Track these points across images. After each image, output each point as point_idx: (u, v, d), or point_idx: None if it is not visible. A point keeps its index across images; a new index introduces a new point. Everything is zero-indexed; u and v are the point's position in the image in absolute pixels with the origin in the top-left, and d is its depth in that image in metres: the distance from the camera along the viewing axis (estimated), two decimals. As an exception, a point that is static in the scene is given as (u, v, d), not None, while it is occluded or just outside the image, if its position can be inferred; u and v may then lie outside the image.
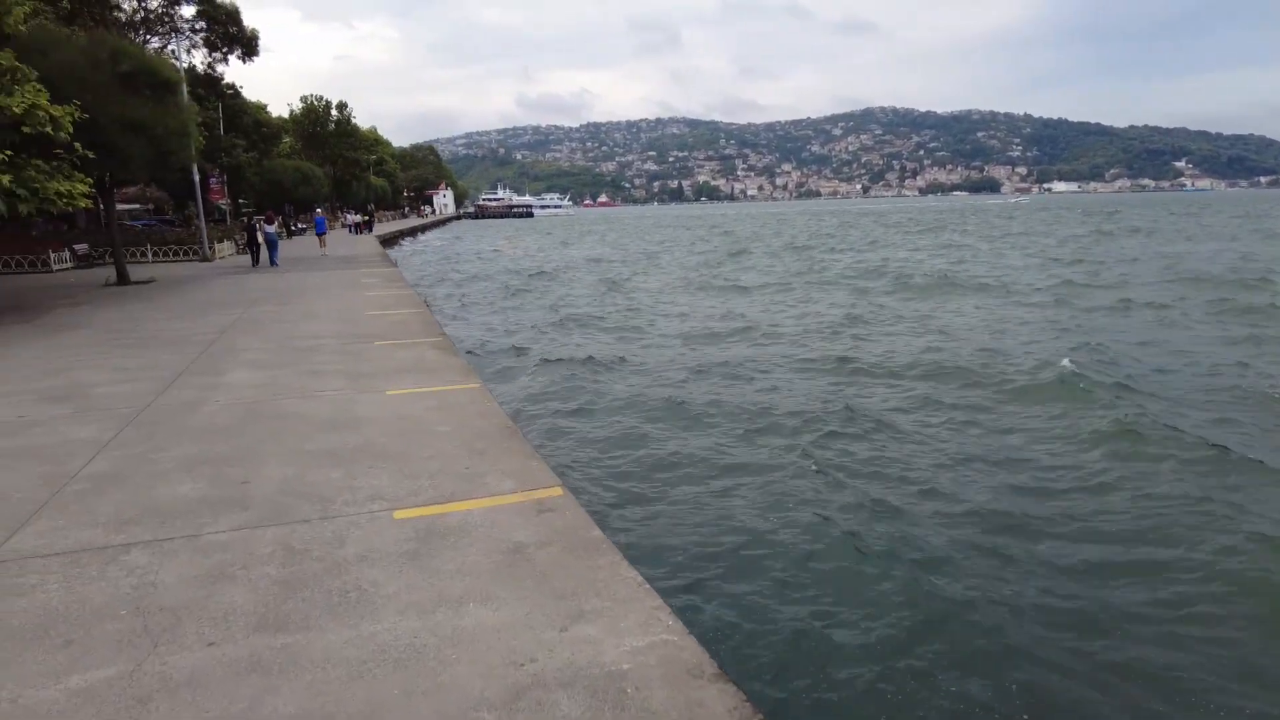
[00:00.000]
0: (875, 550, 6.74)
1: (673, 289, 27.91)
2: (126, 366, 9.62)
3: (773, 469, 8.91)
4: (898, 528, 7.23)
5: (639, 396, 12.28)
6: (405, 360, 9.67)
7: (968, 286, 25.93)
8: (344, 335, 11.73)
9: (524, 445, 6.09)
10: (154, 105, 19.17)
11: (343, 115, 79.75)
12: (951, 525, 7.34)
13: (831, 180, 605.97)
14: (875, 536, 7.04)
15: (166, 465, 5.73)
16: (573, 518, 4.62)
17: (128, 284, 20.70)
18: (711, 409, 11.44)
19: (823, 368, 14.19)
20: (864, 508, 7.71)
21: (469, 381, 8.46)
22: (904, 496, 8.08)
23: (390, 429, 6.55)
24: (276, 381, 8.56)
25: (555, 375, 13.82)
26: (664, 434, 10.32)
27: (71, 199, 15.46)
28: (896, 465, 9.06)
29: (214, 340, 11.51)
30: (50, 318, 14.64)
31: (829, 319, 20.00)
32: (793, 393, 12.47)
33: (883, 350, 15.57)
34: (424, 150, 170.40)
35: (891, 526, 7.26)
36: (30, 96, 13.96)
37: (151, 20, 39.72)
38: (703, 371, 14.04)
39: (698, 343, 17.04)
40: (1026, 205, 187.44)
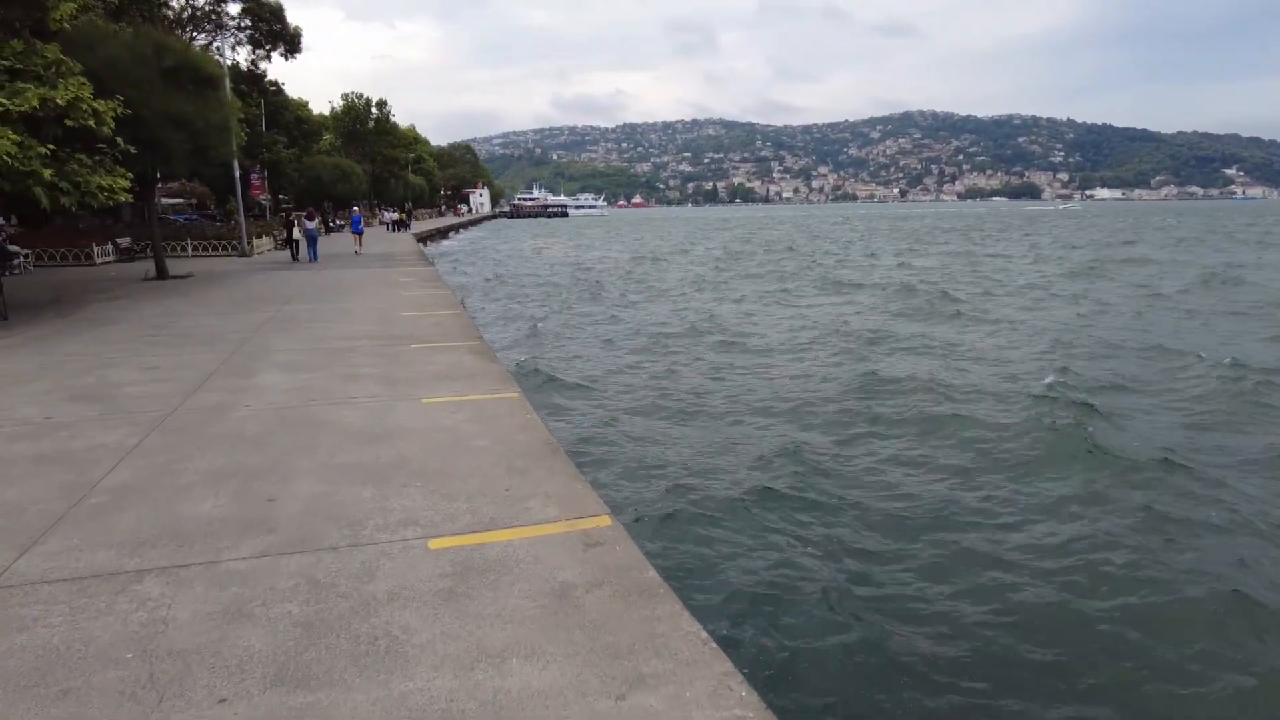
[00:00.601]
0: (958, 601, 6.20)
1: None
2: (158, 366, 9.39)
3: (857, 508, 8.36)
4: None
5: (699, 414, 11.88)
6: (443, 365, 9.32)
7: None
8: (380, 336, 11.44)
9: (567, 465, 5.67)
10: (196, 100, 19.16)
11: (382, 113, 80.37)
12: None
13: (868, 184, 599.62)
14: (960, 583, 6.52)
15: (190, 477, 5.40)
16: (624, 554, 4.17)
17: (166, 279, 20.73)
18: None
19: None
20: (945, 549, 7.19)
21: (508, 390, 8.07)
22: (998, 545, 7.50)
23: (426, 442, 6.17)
24: (310, 386, 8.25)
25: (613, 385, 13.51)
26: (731, 458, 9.85)
27: (113, 193, 15.39)
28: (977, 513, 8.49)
29: (247, 339, 11.28)
30: (88, 312, 14.59)
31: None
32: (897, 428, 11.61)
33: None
34: (461, 149, 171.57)
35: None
36: (74, 90, 13.89)
37: (199, 17, 40.20)
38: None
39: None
40: (1078, 212, 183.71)
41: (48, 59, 14.01)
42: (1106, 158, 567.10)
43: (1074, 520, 8.03)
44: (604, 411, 12.35)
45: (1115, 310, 23.11)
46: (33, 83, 13.58)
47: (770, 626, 5.95)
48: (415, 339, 11.21)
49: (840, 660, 5.59)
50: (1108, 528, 7.80)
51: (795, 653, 5.68)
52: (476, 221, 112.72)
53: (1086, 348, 17.08)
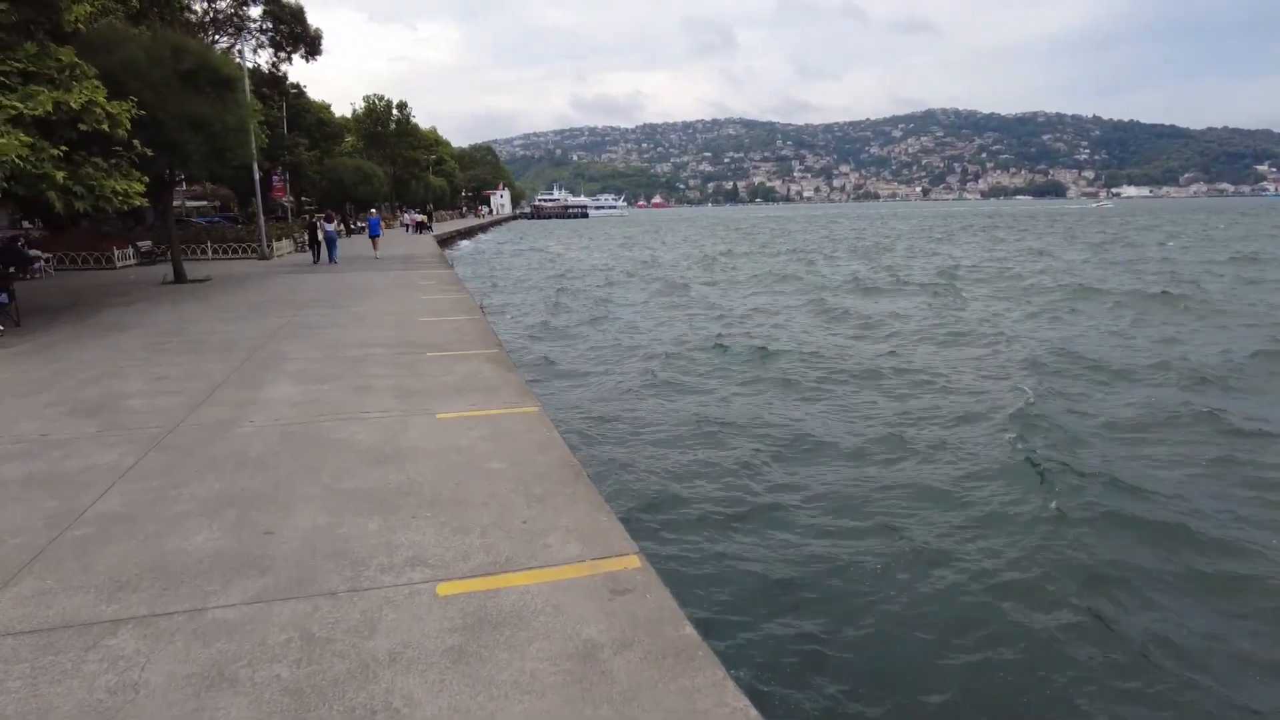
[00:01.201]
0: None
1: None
2: (167, 375, 9.05)
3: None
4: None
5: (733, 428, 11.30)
6: (460, 375, 8.90)
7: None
8: (396, 343, 11.06)
9: (591, 492, 5.21)
10: (214, 102, 18.95)
11: (403, 115, 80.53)
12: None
13: (890, 183, 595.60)
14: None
15: (184, 505, 5.00)
16: (656, 604, 3.70)
17: (184, 282, 20.56)
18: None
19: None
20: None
21: (527, 404, 7.63)
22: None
23: (439, 464, 5.74)
24: (320, 398, 7.86)
25: (651, 399, 12.98)
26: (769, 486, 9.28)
27: (127, 197, 15.17)
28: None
29: (260, 346, 10.94)
30: (103, 317, 14.35)
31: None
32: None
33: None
34: (482, 150, 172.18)
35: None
36: (88, 93, 13.66)
37: (220, 21, 40.28)
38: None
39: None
40: (1111, 210, 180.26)
41: (62, 62, 13.78)
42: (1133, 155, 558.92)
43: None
44: (644, 431, 11.43)
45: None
46: (46, 86, 13.37)
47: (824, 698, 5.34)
48: (432, 346, 10.81)
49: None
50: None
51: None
52: (497, 223, 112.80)
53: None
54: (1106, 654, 5.65)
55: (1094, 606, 6.24)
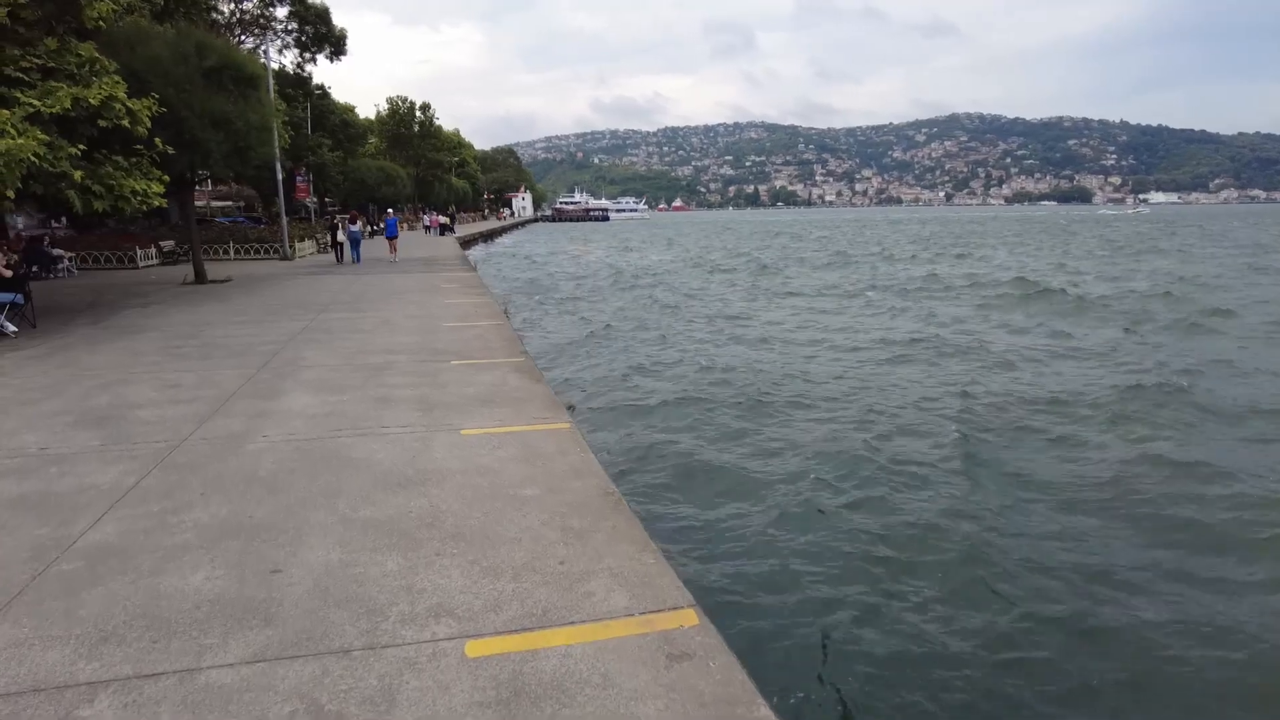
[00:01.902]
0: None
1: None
2: (179, 383, 8.63)
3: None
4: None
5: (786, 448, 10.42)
6: (485, 386, 8.40)
7: None
8: (419, 350, 10.59)
9: (633, 525, 4.67)
10: (237, 100, 18.66)
11: (425, 116, 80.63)
12: None
13: (913, 187, 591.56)
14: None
15: (184, 534, 4.52)
16: (722, 674, 3.15)
17: (204, 283, 20.29)
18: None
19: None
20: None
21: (558, 419, 7.11)
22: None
23: (465, 490, 5.23)
24: (338, 410, 7.39)
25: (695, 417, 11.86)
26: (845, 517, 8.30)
27: (147, 197, 14.86)
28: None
29: (278, 351, 10.52)
30: (119, 319, 14.03)
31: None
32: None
33: None
34: (504, 153, 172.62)
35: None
36: (107, 88, 13.35)
37: (246, 21, 40.31)
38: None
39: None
40: (1148, 216, 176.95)
41: (82, 57, 13.49)
42: (1161, 160, 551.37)
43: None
44: (676, 449, 10.29)
45: None
46: (66, 82, 13.07)
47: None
48: (456, 354, 10.34)
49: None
50: None
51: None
52: (519, 225, 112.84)
53: None
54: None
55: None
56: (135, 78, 16.57)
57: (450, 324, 13.13)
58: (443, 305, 15.68)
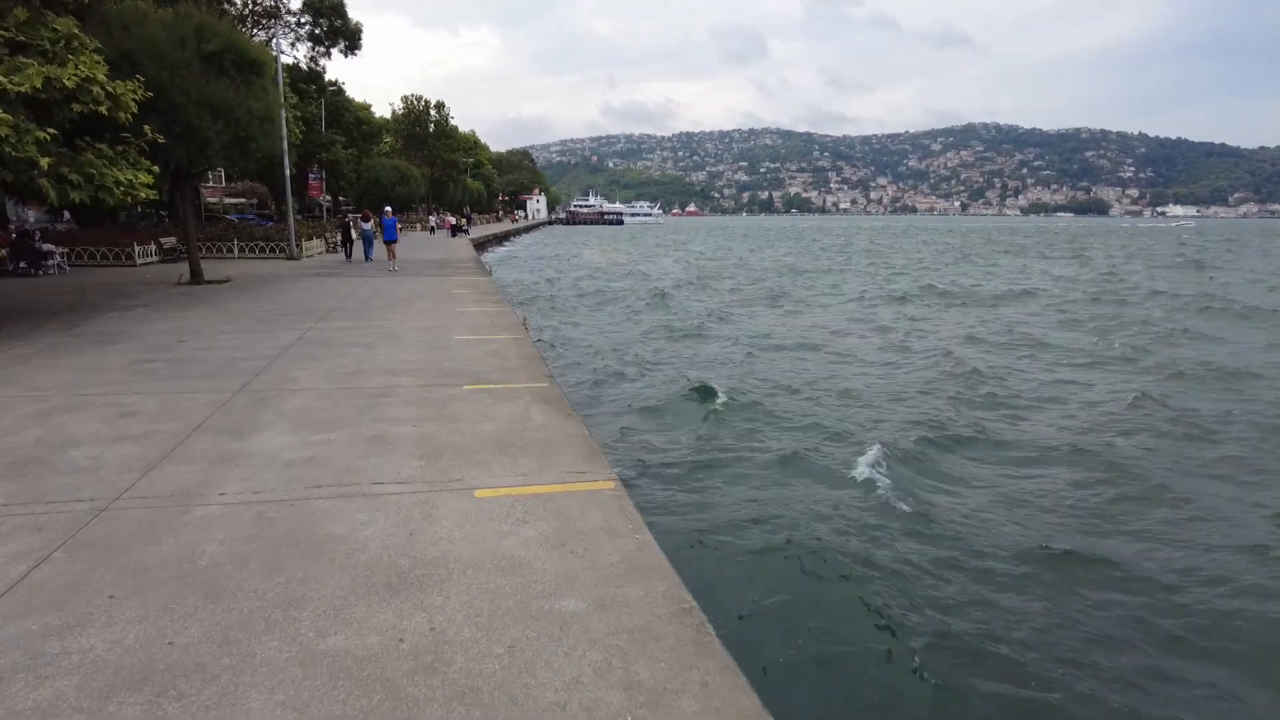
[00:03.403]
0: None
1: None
2: (136, 410, 7.14)
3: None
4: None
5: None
6: (505, 421, 6.88)
7: None
8: (426, 371, 9.09)
9: (732, 678, 3.12)
10: (239, 87, 17.27)
11: (441, 115, 79.49)
12: None
13: (929, 196, 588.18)
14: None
15: (58, 684, 3.00)
16: None
17: (200, 283, 18.88)
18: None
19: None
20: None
21: (598, 474, 5.58)
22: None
23: (480, 599, 3.70)
24: (322, 456, 5.88)
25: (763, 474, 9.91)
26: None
27: (132, 189, 13.43)
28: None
29: (263, 369, 9.03)
30: (95, 324, 12.58)
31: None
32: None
33: None
34: (519, 155, 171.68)
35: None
36: (85, 68, 11.93)
37: (259, 14, 39.15)
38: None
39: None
40: (1193, 230, 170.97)
41: (58, 33, 12.07)
42: (1180, 173, 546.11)
43: None
44: (763, 526, 8.21)
45: None
46: (37, 59, 11.67)
47: None
48: (469, 376, 8.83)
49: None
50: None
51: None
52: (533, 228, 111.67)
53: None
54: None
55: None
56: (128, 60, 15.25)
57: (463, 337, 11.62)
58: (455, 314, 14.19)
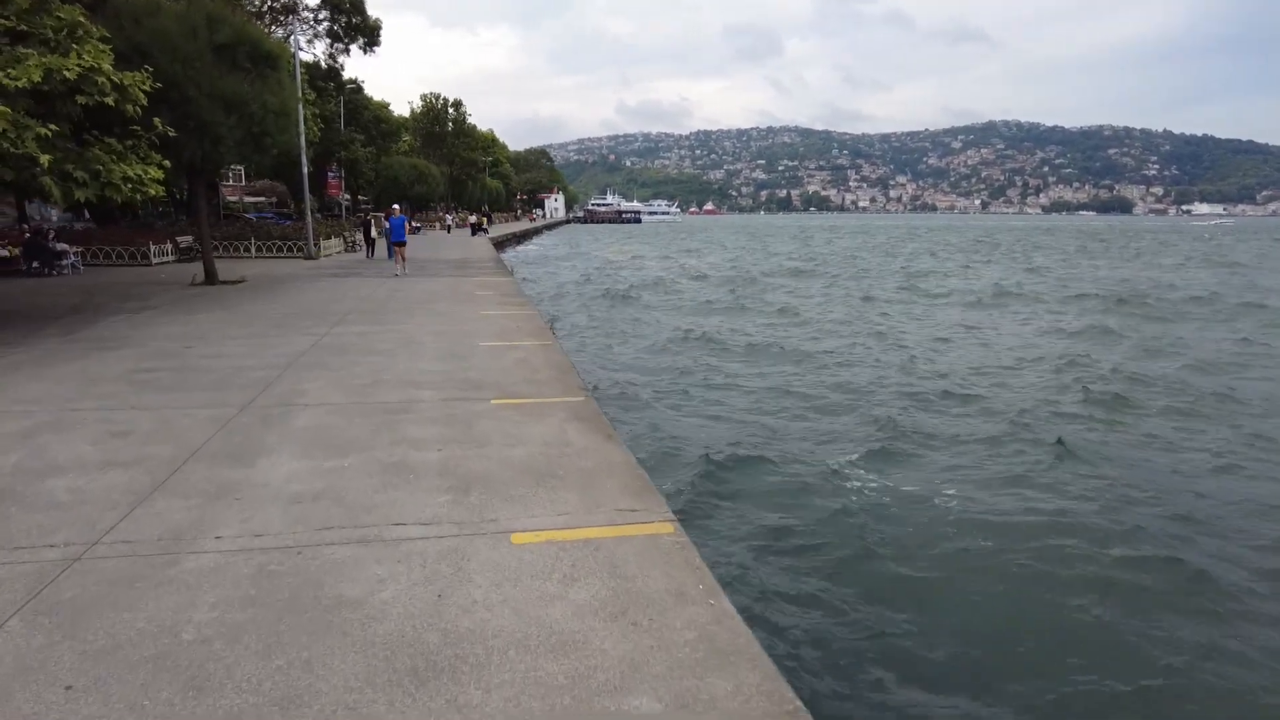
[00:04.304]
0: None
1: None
2: (130, 429, 6.43)
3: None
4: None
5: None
6: (539, 444, 6.10)
7: None
8: (449, 382, 8.34)
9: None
10: (253, 80, 16.63)
11: (459, 114, 79.04)
12: None
13: (949, 194, 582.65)
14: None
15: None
16: None
17: (214, 284, 18.27)
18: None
19: None
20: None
21: (653, 512, 4.78)
22: None
23: (527, 691, 2.90)
24: (334, 488, 5.12)
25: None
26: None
27: (141, 185, 12.79)
28: None
29: (273, 380, 8.31)
30: (98, 328, 11.94)
31: None
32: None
33: None
34: (537, 154, 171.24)
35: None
36: (90, 58, 11.27)
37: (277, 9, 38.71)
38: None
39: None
40: (1231, 228, 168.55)
41: (62, 20, 11.42)
42: (1206, 171, 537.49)
43: None
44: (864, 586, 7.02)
45: None
46: (39, 49, 11.03)
47: None
48: (496, 389, 8.06)
49: None
50: None
51: None
52: (551, 226, 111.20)
53: None
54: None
55: None
56: (139, 52, 14.64)
57: (487, 343, 10.87)
58: (477, 318, 13.45)
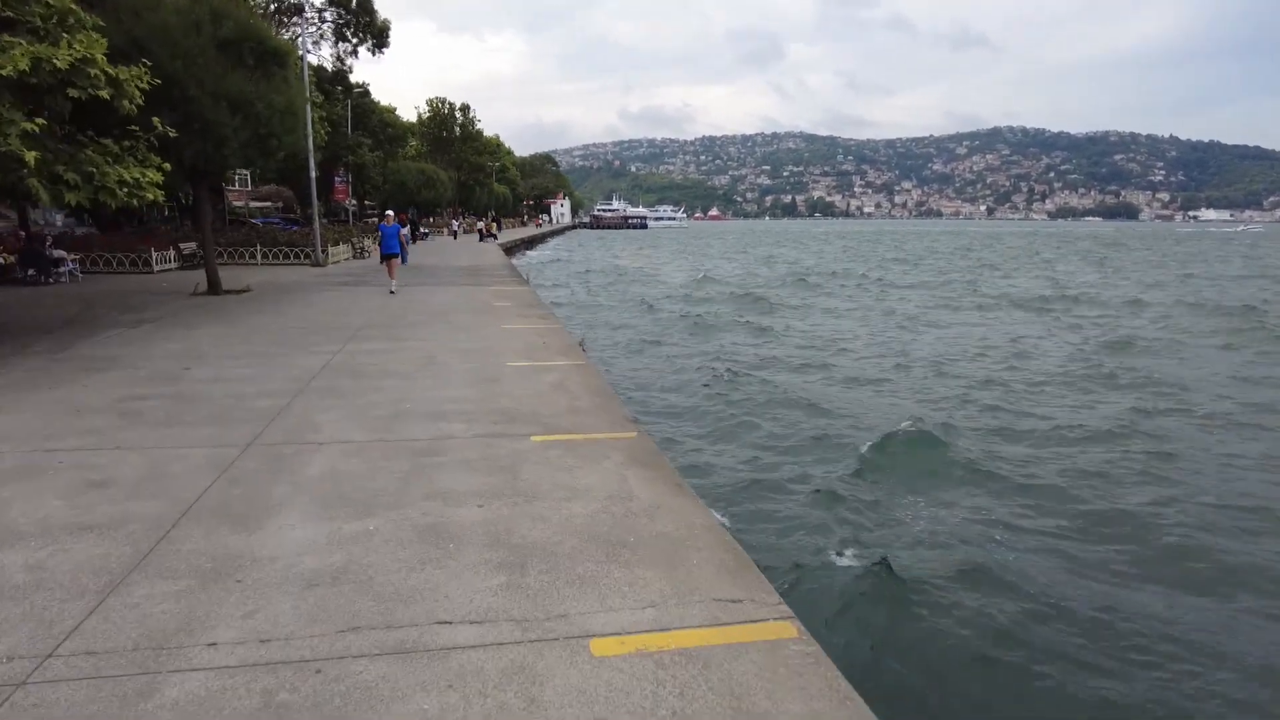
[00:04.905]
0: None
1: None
2: (111, 477, 5.42)
3: None
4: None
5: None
6: (599, 499, 5.07)
7: None
8: (481, 413, 7.31)
9: None
10: (259, 78, 15.67)
11: (466, 118, 78.22)
12: None
13: (954, 200, 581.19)
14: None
15: None
16: None
17: (218, 293, 17.29)
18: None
19: None
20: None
21: (760, 601, 3.75)
22: None
23: None
24: (357, 565, 4.09)
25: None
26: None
27: (138, 189, 11.81)
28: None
29: (282, 410, 7.30)
30: (90, 345, 10.94)
31: None
32: None
33: None
34: (542, 159, 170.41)
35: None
36: (81, 48, 10.30)
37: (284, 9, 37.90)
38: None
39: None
40: (1260, 235, 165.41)
41: (51, 7, 10.46)
42: (1213, 176, 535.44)
43: None
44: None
45: None
46: (27, 38, 10.07)
47: None
48: (535, 421, 7.04)
49: None
50: None
51: None
52: (559, 232, 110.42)
53: None
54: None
55: None
56: (138, 48, 13.70)
57: (515, 363, 9.85)
58: (500, 333, 12.43)
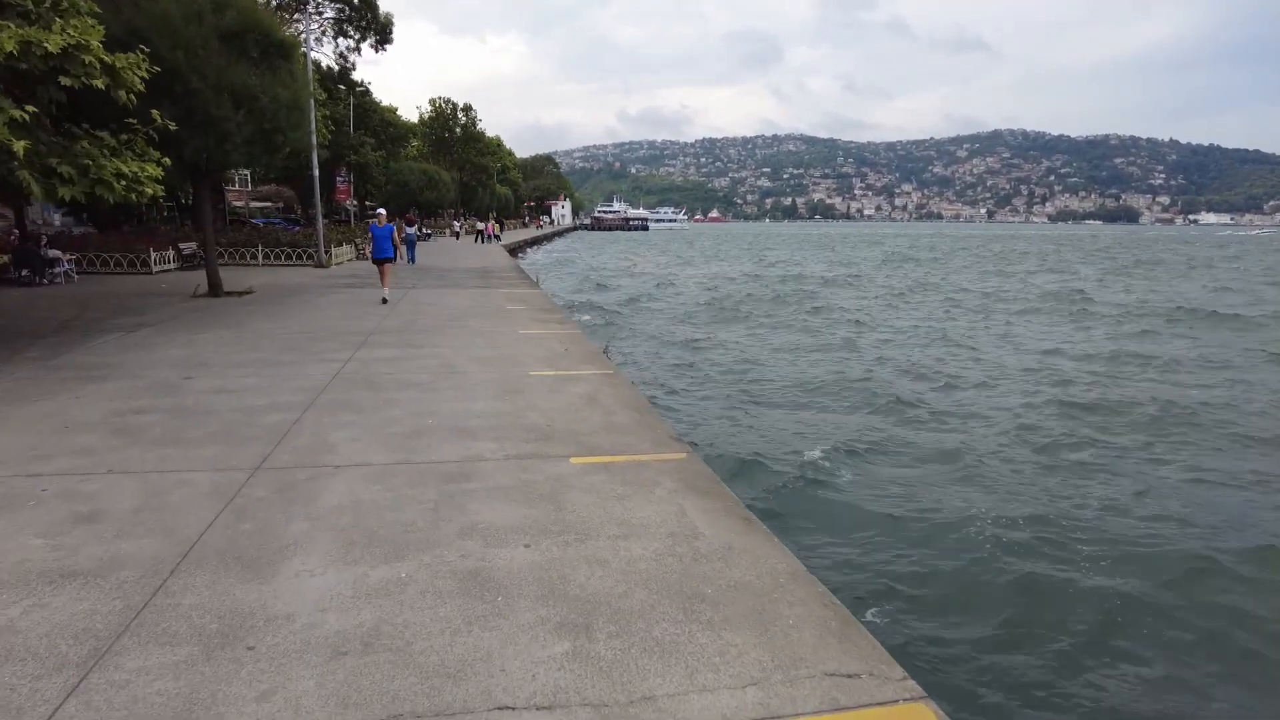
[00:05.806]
0: None
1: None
2: (100, 510, 4.75)
3: None
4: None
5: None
6: (660, 538, 4.42)
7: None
8: (510, 429, 6.64)
9: None
10: (263, 71, 15.02)
11: (468, 118, 77.64)
12: None
13: (954, 203, 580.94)
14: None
15: None
16: None
17: (219, 295, 16.61)
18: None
19: None
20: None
21: (881, 676, 3.09)
22: None
23: None
24: (389, 628, 3.43)
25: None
26: None
27: (137, 183, 11.15)
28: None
29: (291, 427, 6.63)
30: (85, 351, 10.27)
31: None
32: None
33: None
34: (543, 160, 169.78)
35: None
36: (75, 33, 9.64)
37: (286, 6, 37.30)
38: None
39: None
40: (1274, 237, 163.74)
41: (46, -11, 9.80)
42: (1213, 180, 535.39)
43: None
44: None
45: None
46: (17, 21, 9.42)
47: None
48: (571, 440, 6.37)
49: None
50: None
51: None
52: (560, 233, 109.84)
53: None
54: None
55: None
56: (138, 38, 13.05)
57: (539, 372, 9.19)
58: (518, 338, 11.76)
